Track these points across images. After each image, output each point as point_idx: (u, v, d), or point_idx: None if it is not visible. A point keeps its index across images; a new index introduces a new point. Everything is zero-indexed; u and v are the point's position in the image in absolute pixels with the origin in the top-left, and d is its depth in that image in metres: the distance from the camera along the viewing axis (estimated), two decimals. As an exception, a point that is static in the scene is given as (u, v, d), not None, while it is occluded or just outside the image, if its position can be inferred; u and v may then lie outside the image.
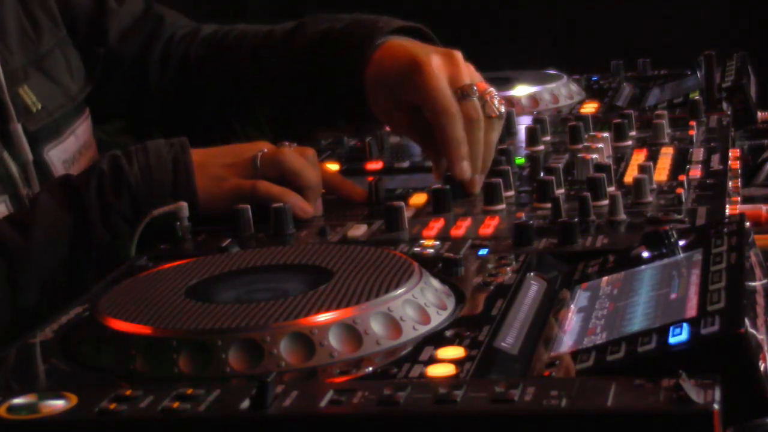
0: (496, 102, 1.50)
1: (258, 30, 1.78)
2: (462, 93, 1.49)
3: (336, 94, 1.63)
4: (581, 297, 1.09)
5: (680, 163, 1.54)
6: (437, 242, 1.29)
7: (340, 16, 1.70)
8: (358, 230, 1.37)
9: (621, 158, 1.60)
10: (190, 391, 0.89)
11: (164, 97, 1.79)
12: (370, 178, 1.52)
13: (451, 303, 1.08)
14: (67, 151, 1.65)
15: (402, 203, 1.38)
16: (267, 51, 1.73)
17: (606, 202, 1.36)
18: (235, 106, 1.78)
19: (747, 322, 0.90)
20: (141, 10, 1.81)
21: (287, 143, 1.50)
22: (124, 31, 1.78)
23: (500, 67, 2.14)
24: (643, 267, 1.11)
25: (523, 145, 1.71)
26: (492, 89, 1.52)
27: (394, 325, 1.01)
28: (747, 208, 1.39)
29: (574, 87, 2.03)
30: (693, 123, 1.74)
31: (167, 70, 1.79)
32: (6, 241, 1.39)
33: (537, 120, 1.75)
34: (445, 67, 1.51)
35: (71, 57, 1.72)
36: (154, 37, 1.80)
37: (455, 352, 0.97)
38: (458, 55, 1.53)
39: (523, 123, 1.80)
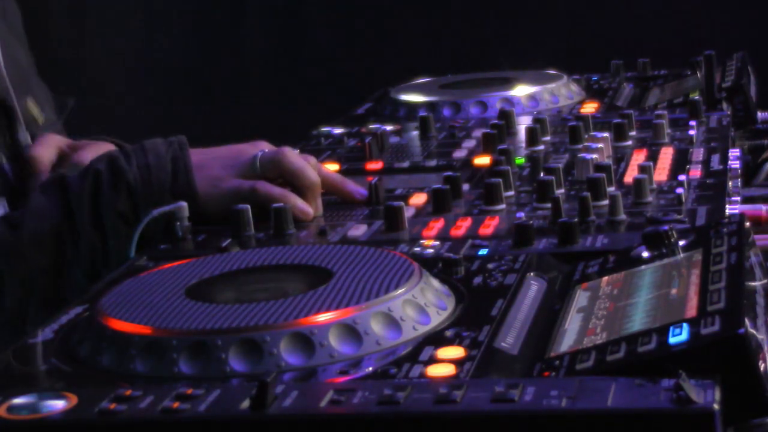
0: None
1: None
2: None
3: None
4: (581, 297, 1.09)
5: (680, 163, 1.54)
6: (437, 242, 1.29)
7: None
8: (358, 230, 1.37)
9: (621, 158, 1.60)
10: (190, 391, 0.89)
11: None
12: (370, 178, 1.52)
13: (451, 303, 1.08)
14: None
15: (402, 203, 1.38)
16: None
17: (606, 202, 1.36)
18: None
19: (747, 322, 0.90)
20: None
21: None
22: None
23: (500, 67, 2.14)
24: (643, 267, 1.11)
25: (523, 145, 1.71)
26: None
27: (394, 325, 1.01)
28: (747, 208, 1.39)
29: (574, 87, 2.03)
30: (693, 123, 1.74)
31: None
32: None
33: (537, 120, 1.75)
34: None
35: (45, 90, 1.78)
36: None
37: (455, 352, 0.97)
38: None
39: (523, 123, 1.80)
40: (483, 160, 1.63)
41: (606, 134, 1.63)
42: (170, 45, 3.36)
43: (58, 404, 0.88)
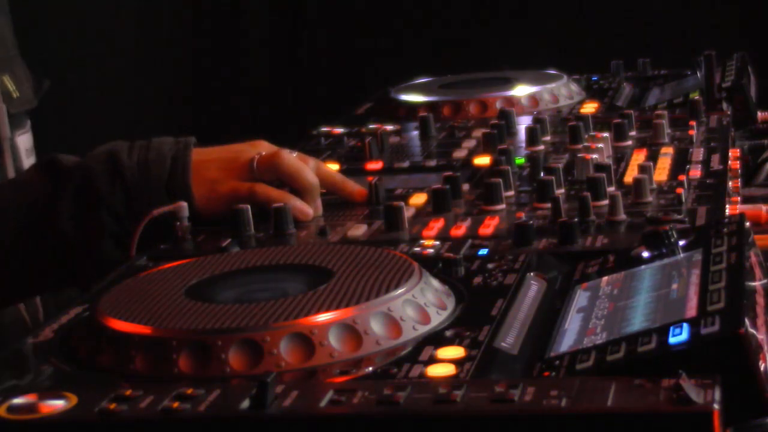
0: None
1: None
2: None
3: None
4: (581, 297, 1.09)
5: (680, 163, 1.54)
6: (437, 242, 1.29)
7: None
8: (358, 230, 1.37)
9: (621, 158, 1.60)
10: (190, 391, 0.89)
11: None
12: (370, 178, 1.52)
13: (451, 303, 1.08)
14: (28, 143, 1.77)
15: (402, 203, 1.38)
16: None
17: (606, 202, 1.36)
18: None
19: (747, 322, 0.90)
20: None
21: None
22: None
23: (500, 67, 2.14)
24: (643, 267, 1.11)
25: (523, 145, 1.71)
26: None
27: (394, 325, 1.01)
28: (747, 208, 1.39)
29: (574, 87, 2.03)
30: (693, 123, 1.74)
31: None
32: None
33: (537, 120, 1.75)
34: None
35: (25, 69, 1.82)
36: None
37: (455, 352, 0.97)
38: None
39: (523, 123, 1.80)
40: (483, 160, 1.63)
41: (606, 134, 1.63)
42: (169, 44, 3.36)
43: (58, 404, 0.88)
